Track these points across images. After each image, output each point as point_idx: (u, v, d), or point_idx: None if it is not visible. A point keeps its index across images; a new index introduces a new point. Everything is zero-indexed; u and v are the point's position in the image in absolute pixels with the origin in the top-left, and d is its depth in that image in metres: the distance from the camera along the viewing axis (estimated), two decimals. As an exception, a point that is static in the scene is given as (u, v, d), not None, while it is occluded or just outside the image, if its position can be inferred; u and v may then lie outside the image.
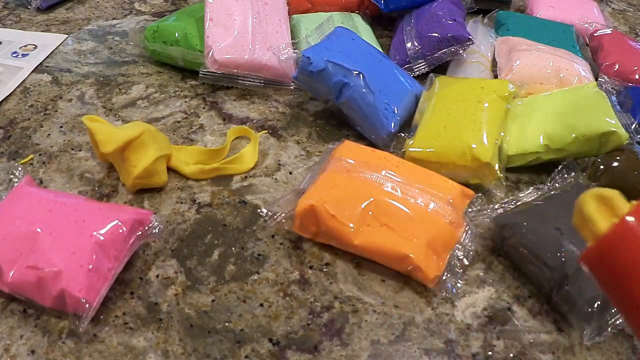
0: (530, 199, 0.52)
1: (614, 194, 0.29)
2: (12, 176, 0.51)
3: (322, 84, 0.60)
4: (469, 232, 0.49)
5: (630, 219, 0.28)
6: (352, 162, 0.52)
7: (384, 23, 0.84)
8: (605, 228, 0.29)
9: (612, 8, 1.02)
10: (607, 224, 0.29)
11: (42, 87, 0.70)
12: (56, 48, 0.77)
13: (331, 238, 0.49)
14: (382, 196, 0.48)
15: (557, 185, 0.53)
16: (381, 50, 0.68)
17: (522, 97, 0.63)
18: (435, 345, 0.44)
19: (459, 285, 0.47)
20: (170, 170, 0.57)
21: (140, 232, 0.45)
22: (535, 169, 0.60)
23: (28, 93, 0.69)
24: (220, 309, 0.45)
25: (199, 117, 0.66)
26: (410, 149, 0.57)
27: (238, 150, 0.60)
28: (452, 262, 0.47)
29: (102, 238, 0.43)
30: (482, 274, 0.50)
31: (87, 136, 0.60)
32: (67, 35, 0.80)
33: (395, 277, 0.48)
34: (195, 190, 0.56)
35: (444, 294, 0.47)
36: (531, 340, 0.45)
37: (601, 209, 0.29)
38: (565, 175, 0.54)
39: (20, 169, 0.51)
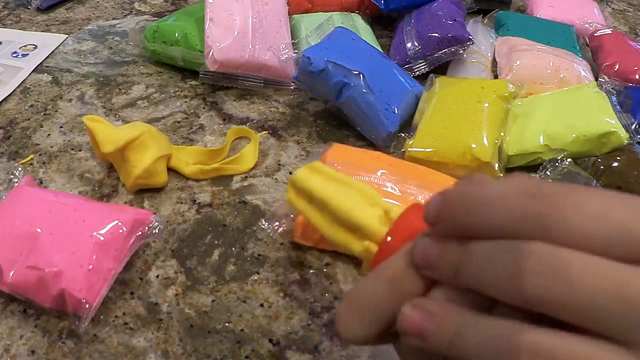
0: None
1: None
2: (12, 176, 0.51)
3: (322, 84, 0.60)
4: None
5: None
6: (346, 164, 0.51)
7: (384, 23, 0.84)
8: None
9: (612, 8, 1.02)
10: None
11: (42, 87, 0.70)
12: (56, 48, 0.77)
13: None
14: (382, 196, 0.48)
15: (548, 173, 0.53)
16: (381, 50, 0.68)
17: (522, 97, 0.63)
18: (435, 345, 0.44)
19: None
20: (170, 170, 0.57)
21: (140, 232, 0.45)
22: (535, 169, 0.60)
23: (28, 93, 0.69)
24: (220, 309, 0.45)
25: (199, 117, 0.66)
26: (410, 149, 0.57)
27: (238, 150, 0.60)
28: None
29: (102, 238, 0.43)
30: (482, 274, 0.50)
31: (87, 136, 0.60)
32: (67, 35, 0.80)
33: (396, 277, 0.48)
34: (195, 190, 0.56)
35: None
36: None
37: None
38: (557, 164, 0.53)
39: (20, 169, 0.51)
